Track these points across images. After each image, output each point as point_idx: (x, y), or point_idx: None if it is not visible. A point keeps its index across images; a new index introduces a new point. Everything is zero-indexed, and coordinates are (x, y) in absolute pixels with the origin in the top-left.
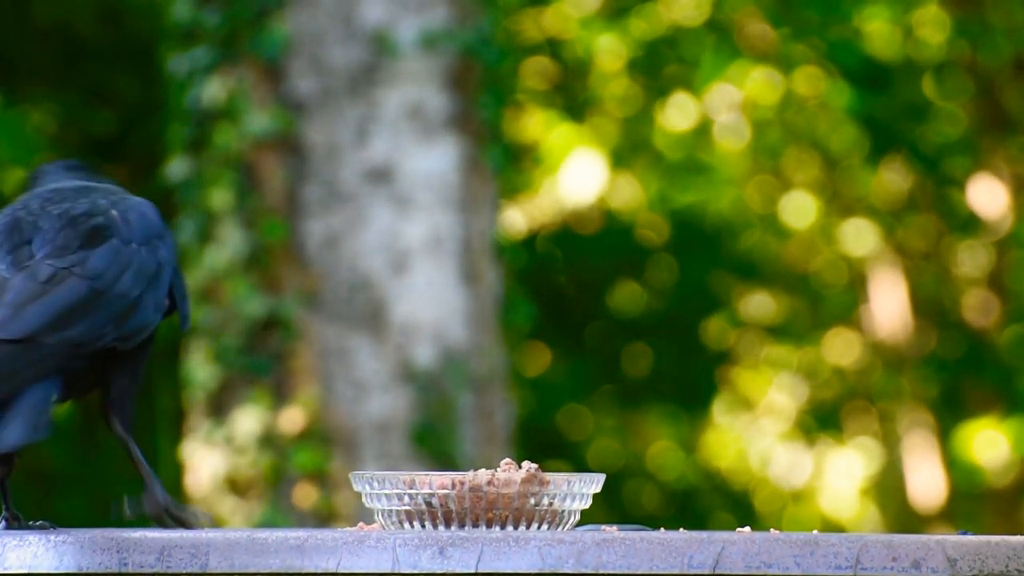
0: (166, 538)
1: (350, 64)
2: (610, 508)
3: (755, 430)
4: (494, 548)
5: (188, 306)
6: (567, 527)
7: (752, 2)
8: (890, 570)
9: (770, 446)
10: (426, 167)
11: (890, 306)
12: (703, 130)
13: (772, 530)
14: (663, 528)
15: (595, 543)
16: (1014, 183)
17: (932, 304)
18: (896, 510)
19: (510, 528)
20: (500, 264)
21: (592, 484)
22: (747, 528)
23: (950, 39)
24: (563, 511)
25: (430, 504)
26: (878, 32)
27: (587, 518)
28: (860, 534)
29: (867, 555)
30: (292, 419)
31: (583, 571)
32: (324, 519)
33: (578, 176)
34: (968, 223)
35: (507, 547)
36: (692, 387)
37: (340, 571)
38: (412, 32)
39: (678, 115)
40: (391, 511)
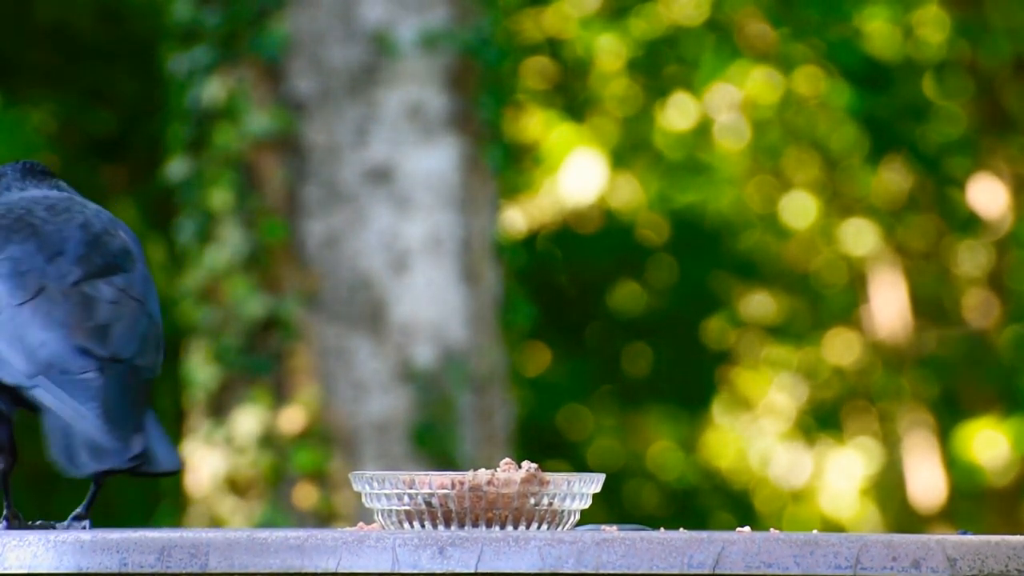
0: (166, 538)
1: (350, 64)
2: (610, 508)
3: (755, 430)
4: (494, 548)
5: None
6: (567, 527)
7: (752, 2)
8: (890, 570)
9: (770, 446)
10: (426, 167)
11: (890, 306)
12: (703, 130)
13: (772, 530)
14: (663, 528)
15: (595, 543)
16: (1014, 183)
17: (932, 304)
18: (896, 510)
19: (510, 528)
20: (500, 264)
21: (592, 484)
22: (747, 528)
23: (950, 39)
24: (563, 511)
25: (430, 504)
26: (878, 32)
27: (587, 518)
28: (860, 534)
29: (867, 555)
30: (292, 419)
31: (583, 571)
32: (324, 519)
33: (578, 176)
34: (968, 223)
35: (507, 547)
36: (692, 387)
37: (340, 571)
38: (412, 32)
39: (678, 115)
40: (391, 511)
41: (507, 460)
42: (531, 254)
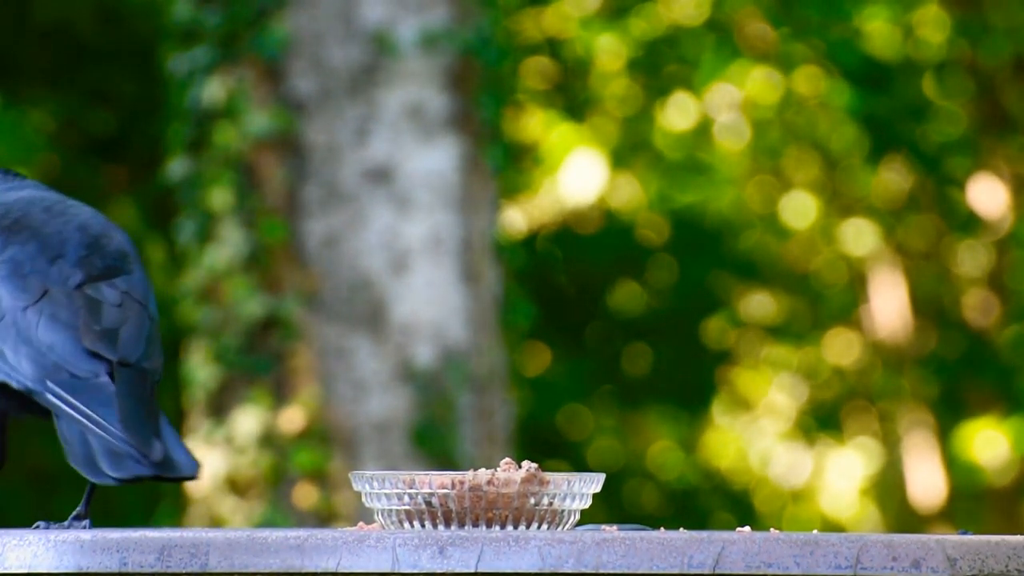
0: (166, 538)
1: (350, 64)
2: (610, 508)
3: (755, 430)
4: (494, 548)
5: None
6: (567, 527)
7: (752, 2)
8: (890, 570)
9: (770, 446)
10: (426, 167)
11: (890, 306)
12: (703, 130)
13: (772, 530)
14: (663, 528)
15: (595, 543)
16: (1014, 183)
17: (932, 304)
18: (896, 510)
19: (510, 528)
20: (500, 264)
21: (592, 484)
22: (747, 528)
23: (950, 39)
24: (563, 511)
25: (430, 504)
26: (878, 32)
27: (587, 518)
28: (860, 534)
29: (867, 555)
30: (292, 419)
31: (583, 571)
32: (324, 519)
33: (578, 176)
34: (968, 223)
35: (507, 547)
36: (692, 387)
37: (340, 571)
38: (412, 32)
39: (678, 115)
40: (391, 511)
41: (507, 460)
42: (531, 254)
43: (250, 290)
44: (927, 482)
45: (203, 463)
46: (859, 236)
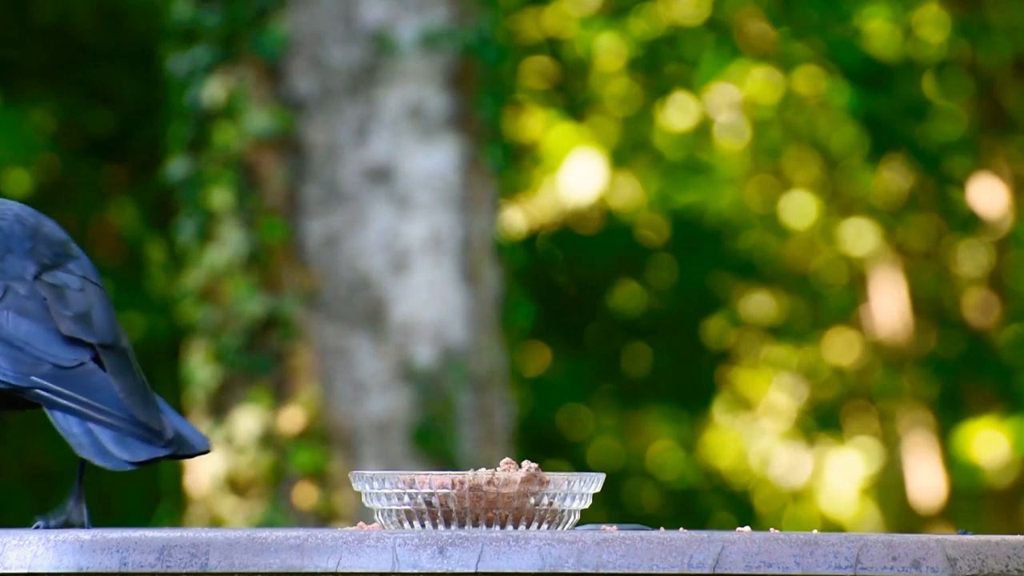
0: (166, 538)
1: (350, 64)
2: (610, 508)
3: (755, 430)
4: (494, 548)
5: None
6: (567, 527)
7: (752, 2)
8: (890, 570)
9: (770, 446)
10: (426, 167)
11: (890, 306)
12: (703, 130)
13: (772, 530)
14: (663, 528)
15: (595, 543)
16: (1014, 183)
17: (932, 304)
18: (896, 510)
19: (510, 528)
20: (500, 264)
21: (592, 484)
22: (747, 528)
23: (950, 39)
24: (563, 511)
25: (430, 504)
26: (878, 31)
27: (587, 518)
28: (860, 534)
29: (867, 555)
30: (292, 419)
31: (583, 571)
32: (324, 519)
33: (578, 176)
34: (968, 223)
35: (507, 547)
36: (692, 387)
37: (340, 571)
38: (412, 32)
39: (678, 115)
40: (391, 511)
41: (507, 460)
42: (531, 254)
43: (250, 290)
44: (927, 482)
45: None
46: (859, 236)
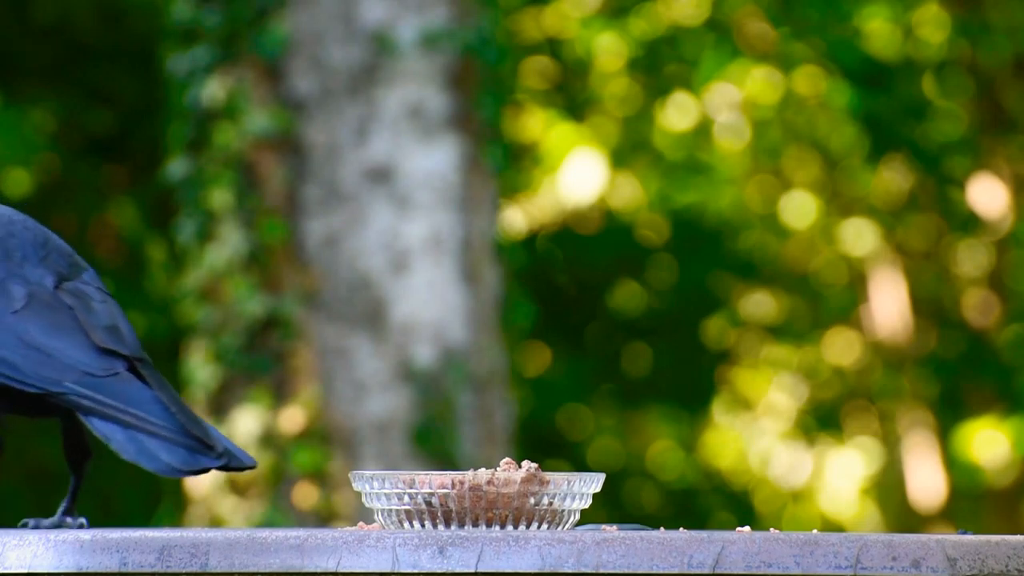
0: (166, 538)
1: (350, 64)
2: (610, 508)
3: (755, 430)
4: (494, 548)
5: None
6: (567, 527)
7: (752, 2)
8: (890, 570)
9: (770, 446)
10: (426, 167)
11: (890, 306)
12: (703, 130)
13: (772, 530)
14: (663, 528)
15: (595, 543)
16: (1014, 183)
17: (932, 304)
18: (896, 510)
19: (510, 528)
20: (500, 264)
21: (592, 484)
22: (747, 528)
23: (950, 39)
24: (563, 511)
25: (430, 504)
26: (878, 31)
27: (587, 518)
28: (860, 534)
29: (867, 555)
30: (292, 419)
31: (583, 571)
32: (324, 519)
33: (578, 176)
34: (968, 223)
35: (507, 547)
36: (692, 387)
37: (340, 571)
38: (412, 32)
39: (678, 115)
40: (391, 511)
41: (507, 460)
42: (531, 254)
43: (250, 290)
44: (927, 482)
45: None
46: (859, 236)
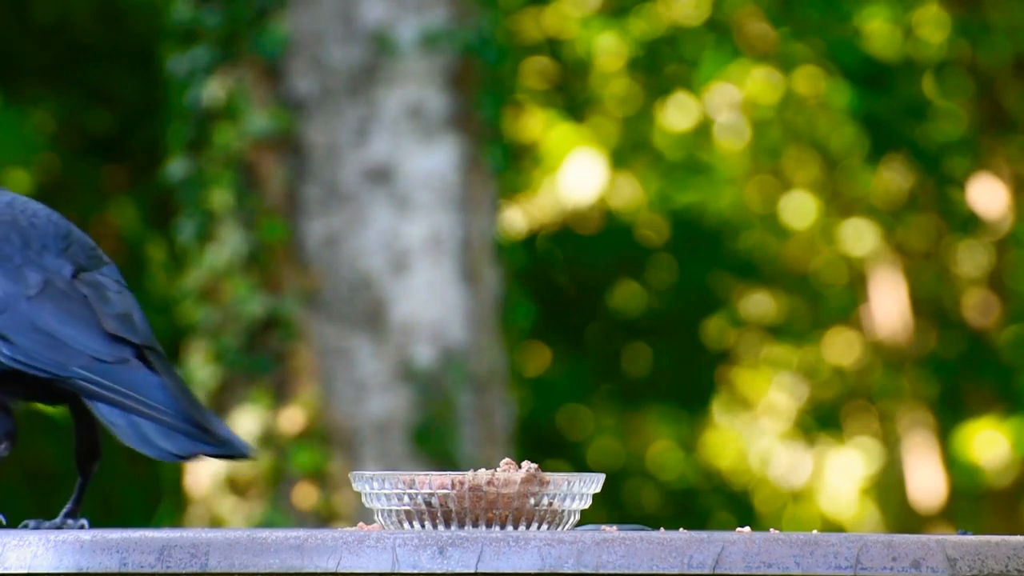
0: (166, 538)
1: (350, 64)
2: (610, 508)
3: (755, 430)
4: (494, 548)
5: None
6: (567, 527)
7: (752, 2)
8: (890, 570)
9: (770, 446)
10: (426, 167)
11: (890, 306)
12: (703, 130)
13: (772, 530)
14: (663, 528)
15: (595, 543)
16: (1014, 183)
17: (932, 304)
18: (896, 510)
19: (510, 528)
20: (500, 264)
21: (592, 484)
22: (747, 528)
23: (950, 39)
24: (563, 511)
25: (430, 504)
26: (878, 32)
27: (587, 518)
28: (860, 534)
29: (867, 555)
30: (292, 419)
31: (583, 571)
32: (324, 519)
33: (578, 176)
34: (968, 223)
35: (507, 547)
36: (692, 387)
37: (340, 571)
38: (412, 32)
39: (678, 115)
40: (391, 511)
41: (507, 460)
42: (531, 254)
43: (250, 290)
44: (927, 482)
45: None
46: (859, 236)
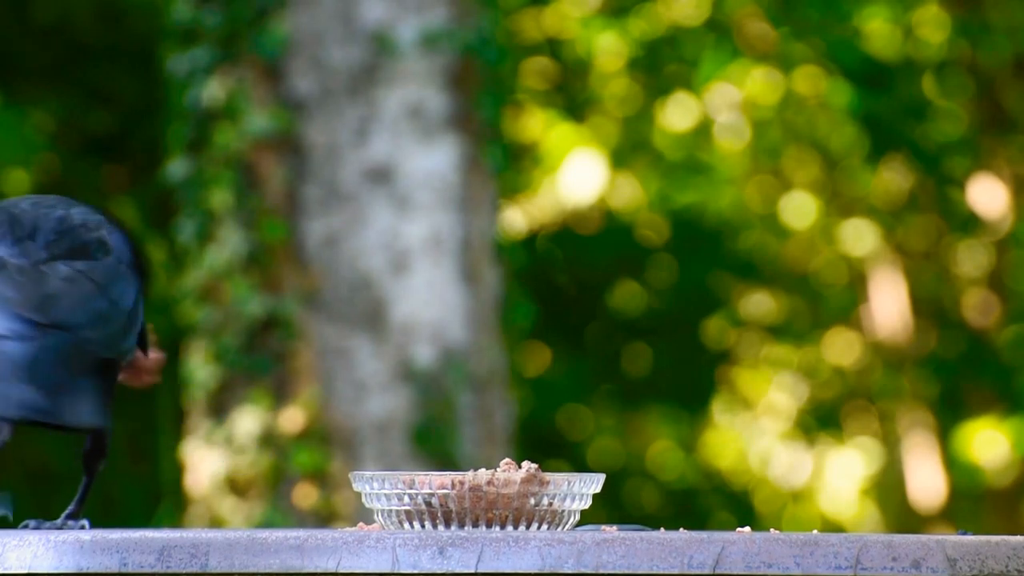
0: (166, 538)
1: (350, 64)
2: (610, 508)
3: (755, 430)
4: (494, 548)
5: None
6: (567, 527)
7: (752, 2)
8: (890, 570)
9: (770, 446)
10: (426, 167)
11: (890, 306)
12: (703, 130)
13: (772, 530)
14: (663, 528)
15: (595, 543)
16: (1014, 183)
17: (932, 304)
18: (896, 510)
19: (510, 528)
20: (500, 264)
21: (592, 484)
22: (747, 528)
23: (950, 39)
24: (563, 511)
25: (430, 504)
26: (878, 31)
27: (587, 518)
28: (860, 534)
29: (867, 555)
30: (292, 419)
31: (583, 571)
32: (324, 519)
33: (578, 176)
34: (968, 223)
35: (507, 547)
36: (692, 387)
37: (340, 571)
38: (412, 32)
39: (678, 115)
40: (391, 511)
41: (507, 460)
42: (531, 254)
43: (250, 290)
44: (927, 482)
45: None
46: (859, 236)
